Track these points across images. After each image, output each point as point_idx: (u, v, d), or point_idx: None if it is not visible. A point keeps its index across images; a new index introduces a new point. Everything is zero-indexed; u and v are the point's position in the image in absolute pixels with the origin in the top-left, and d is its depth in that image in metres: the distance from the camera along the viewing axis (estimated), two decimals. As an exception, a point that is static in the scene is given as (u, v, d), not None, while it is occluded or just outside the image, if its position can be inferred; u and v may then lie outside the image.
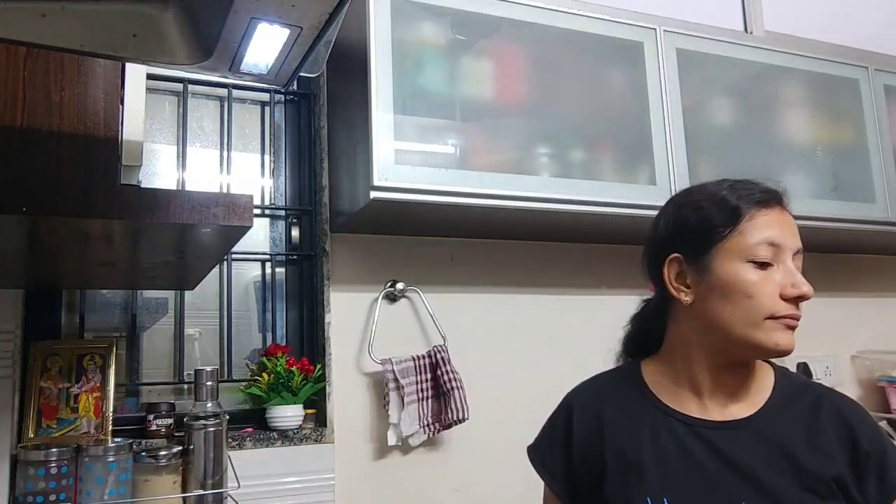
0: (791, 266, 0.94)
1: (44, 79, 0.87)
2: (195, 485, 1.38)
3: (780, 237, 0.94)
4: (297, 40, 0.76)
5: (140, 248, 1.15)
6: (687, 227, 1.00)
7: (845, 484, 0.90)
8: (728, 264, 0.95)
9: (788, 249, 0.94)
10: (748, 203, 0.97)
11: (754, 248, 0.94)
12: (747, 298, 0.93)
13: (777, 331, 0.94)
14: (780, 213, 0.97)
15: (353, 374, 1.79)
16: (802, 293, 0.92)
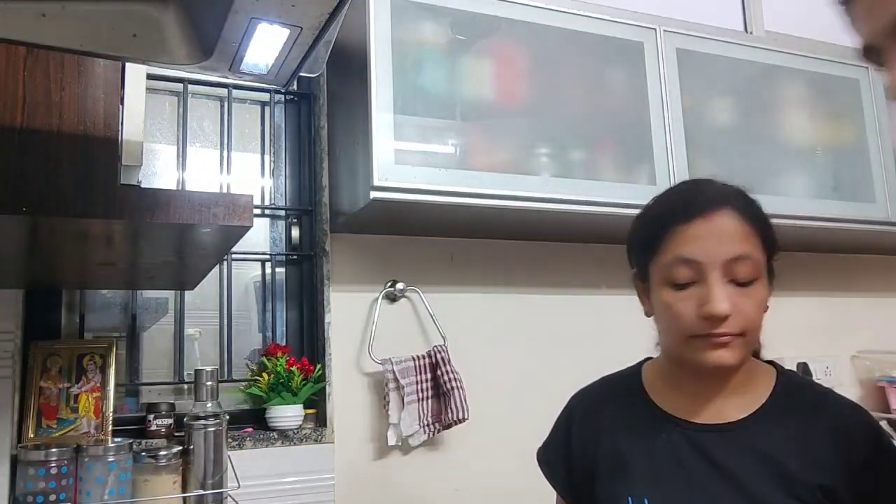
0: (711, 282, 0.88)
1: (44, 79, 0.87)
2: (195, 485, 1.38)
3: (698, 253, 0.89)
4: (297, 40, 0.76)
5: (140, 248, 1.15)
6: (632, 246, 1.03)
7: (835, 492, 0.87)
8: (655, 285, 0.95)
9: (711, 264, 0.88)
10: (665, 220, 0.94)
11: (669, 268, 0.91)
12: (668, 320, 0.93)
13: (703, 350, 0.89)
14: (704, 223, 0.90)
15: (353, 374, 1.79)
16: (711, 314, 0.87)
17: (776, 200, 1.95)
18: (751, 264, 0.89)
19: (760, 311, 0.91)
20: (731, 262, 0.88)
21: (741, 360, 0.91)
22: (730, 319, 0.87)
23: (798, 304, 2.33)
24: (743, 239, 0.90)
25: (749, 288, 0.89)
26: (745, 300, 0.88)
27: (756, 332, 0.93)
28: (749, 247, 0.90)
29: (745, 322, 0.88)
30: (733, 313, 0.87)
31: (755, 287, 0.90)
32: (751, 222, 0.92)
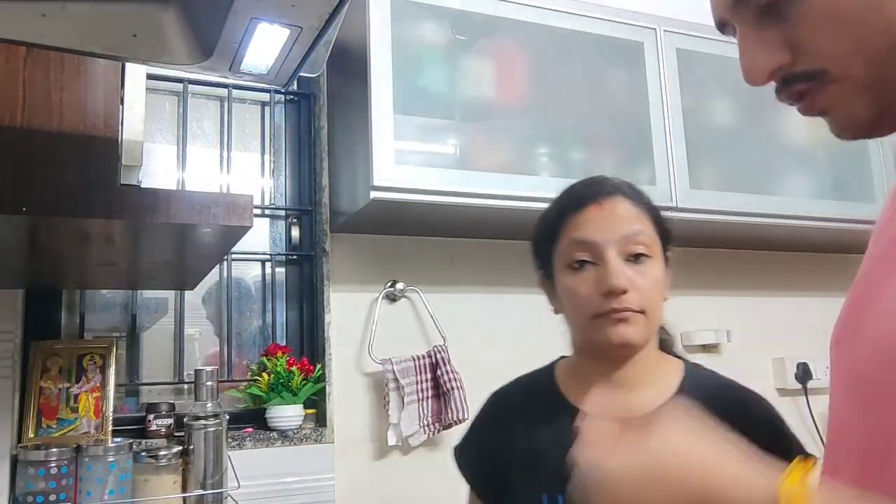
0: (608, 259, 0.92)
1: (44, 79, 0.87)
2: (195, 485, 1.38)
3: (591, 234, 0.94)
4: (297, 40, 0.76)
5: (140, 248, 1.15)
6: (535, 246, 1.06)
7: None
8: (558, 274, 0.99)
9: (606, 242, 0.93)
10: (561, 211, 0.99)
11: (566, 252, 0.96)
12: (572, 303, 0.96)
13: (605, 327, 0.93)
14: (598, 208, 0.95)
15: (353, 374, 1.79)
16: (610, 288, 0.90)
17: (776, 200, 1.95)
18: (644, 240, 0.94)
19: (658, 290, 0.95)
20: (625, 239, 0.93)
21: (643, 339, 0.94)
22: (628, 294, 0.91)
23: (798, 304, 2.33)
24: (635, 219, 0.95)
25: (645, 265, 0.94)
26: (641, 277, 0.92)
27: (656, 312, 0.95)
28: (641, 225, 0.95)
29: (644, 298, 0.92)
30: (631, 289, 0.91)
31: (650, 265, 0.94)
32: (642, 207, 0.97)
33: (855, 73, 0.49)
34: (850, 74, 0.50)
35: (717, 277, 2.28)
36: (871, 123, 0.52)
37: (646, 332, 0.94)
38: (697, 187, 1.87)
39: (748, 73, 0.54)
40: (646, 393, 0.97)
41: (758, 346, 2.26)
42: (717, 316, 2.21)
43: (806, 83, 0.52)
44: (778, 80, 0.53)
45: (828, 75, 0.50)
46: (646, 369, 0.98)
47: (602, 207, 0.95)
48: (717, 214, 1.89)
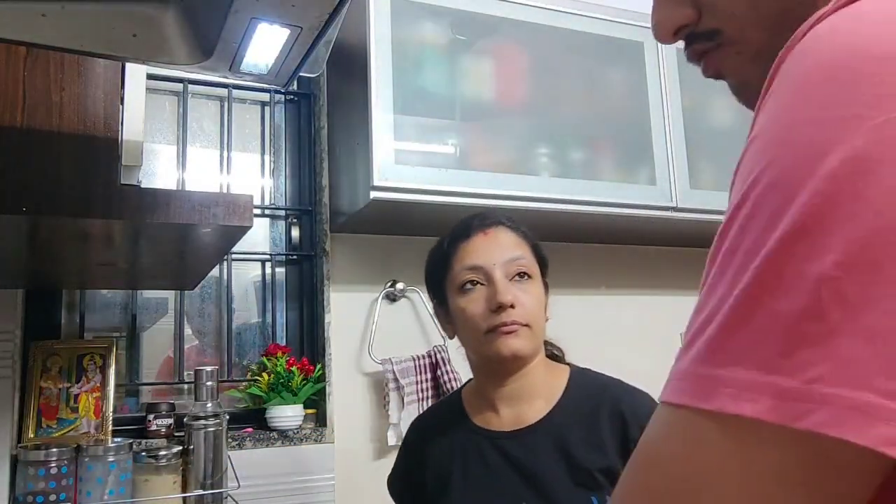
0: (496, 279, 1.03)
1: (44, 79, 0.87)
2: (195, 485, 1.38)
3: (479, 259, 1.05)
4: (297, 40, 0.76)
5: (140, 248, 1.15)
6: (428, 278, 1.15)
7: (614, 473, 0.95)
8: (451, 298, 1.08)
9: (492, 265, 1.04)
10: (451, 241, 1.10)
11: (458, 277, 1.06)
12: (465, 322, 1.06)
13: (495, 340, 1.02)
14: (483, 236, 1.07)
15: (353, 374, 1.79)
16: (498, 303, 1.01)
17: (776, 200, 1.95)
18: (526, 263, 1.06)
19: (540, 306, 1.06)
20: (508, 262, 1.04)
21: (531, 351, 1.04)
22: (515, 310, 1.02)
23: None
24: (515, 245, 1.07)
25: (527, 284, 1.05)
26: (525, 295, 1.04)
27: (540, 326, 1.06)
28: (521, 251, 1.07)
29: (528, 313, 1.03)
30: (517, 304, 1.02)
31: (532, 284, 1.06)
32: (522, 235, 1.10)
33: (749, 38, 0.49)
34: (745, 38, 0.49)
35: (717, 277, 2.27)
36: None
37: (532, 343, 1.04)
38: (697, 187, 1.87)
39: (656, 30, 0.53)
40: (536, 403, 1.06)
41: (758, 346, 2.26)
42: (717, 316, 2.21)
43: (704, 43, 0.51)
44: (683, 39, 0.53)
45: (723, 36, 0.50)
46: (535, 381, 1.07)
47: (487, 235, 1.07)
48: (717, 214, 1.88)
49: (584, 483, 0.97)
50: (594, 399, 1.05)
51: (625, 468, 0.40)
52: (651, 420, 0.39)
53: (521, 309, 1.02)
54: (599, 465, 0.98)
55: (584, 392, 1.07)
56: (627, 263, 2.16)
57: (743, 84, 0.51)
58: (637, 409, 1.02)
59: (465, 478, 1.06)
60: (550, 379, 1.09)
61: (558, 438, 1.01)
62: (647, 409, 1.01)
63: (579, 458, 0.99)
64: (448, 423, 1.13)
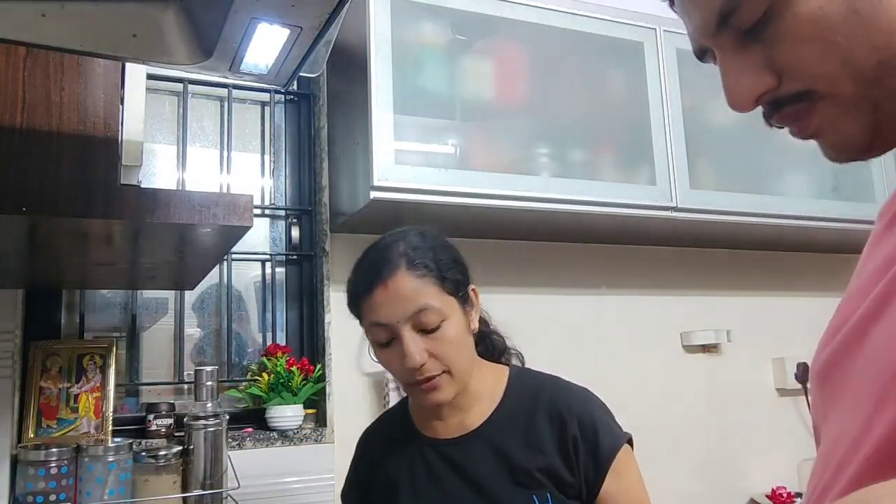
0: (404, 338, 0.99)
1: (44, 79, 0.87)
2: (195, 485, 1.38)
3: (383, 317, 1.00)
4: (297, 40, 0.76)
5: (140, 248, 1.15)
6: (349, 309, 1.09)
7: (555, 471, 0.99)
8: (372, 346, 1.07)
9: (396, 322, 0.99)
10: (358, 293, 1.04)
11: (370, 332, 1.04)
12: (390, 372, 1.07)
13: (420, 394, 1.03)
14: (383, 290, 1.00)
15: (353, 374, 1.79)
16: (408, 367, 0.99)
17: (776, 200, 1.95)
18: (432, 312, 1.00)
19: (458, 346, 1.02)
20: (413, 316, 0.99)
21: (454, 393, 1.03)
22: (428, 364, 0.99)
23: (798, 304, 2.33)
24: (418, 293, 1.00)
25: (438, 332, 1.00)
26: (436, 344, 1.00)
27: (462, 364, 1.03)
28: (426, 298, 1.00)
29: (444, 362, 1.01)
30: (430, 358, 0.99)
31: (445, 327, 1.01)
32: (424, 275, 1.01)
33: (843, 92, 0.48)
34: (840, 92, 0.48)
35: (717, 277, 2.28)
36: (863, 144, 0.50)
37: (455, 386, 1.03)
38: (697, 187, 1.87)
39: (734, 100, 0.52)
40: (477, 408, 1.07)
41: (758, 346, 2.26)
42: (717, 316, 2.21)
43: (795, 105, 0.51)
44: (765, 105, 0.52)
45: (815, 94, 0.49)
46: (473, 393, 1.07)
47: (386, 288, 1.00)
48: (717, 214, 1.89)
49: (523, 483, 1.00)
50: (531, 400, 1.06)
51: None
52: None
53: (435, 361, 1.00)
54: (539, 465, 1.00)
55: (522, 394, 1.08)
56: (627, 263, 2.16)
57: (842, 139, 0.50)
58: (573, 406, 1.04)
59: (412, 487, 1.07)
60: (490, 382, 1.10)
61: (497, 442, 1.03)
62: (583, 405, 1.05)
63: (518, 460, 1.01)
64: (395, 433, 1.14)
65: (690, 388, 2.16)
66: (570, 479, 1.00)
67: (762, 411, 2.22)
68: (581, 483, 1.00)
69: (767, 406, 2.24)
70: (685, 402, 2.13)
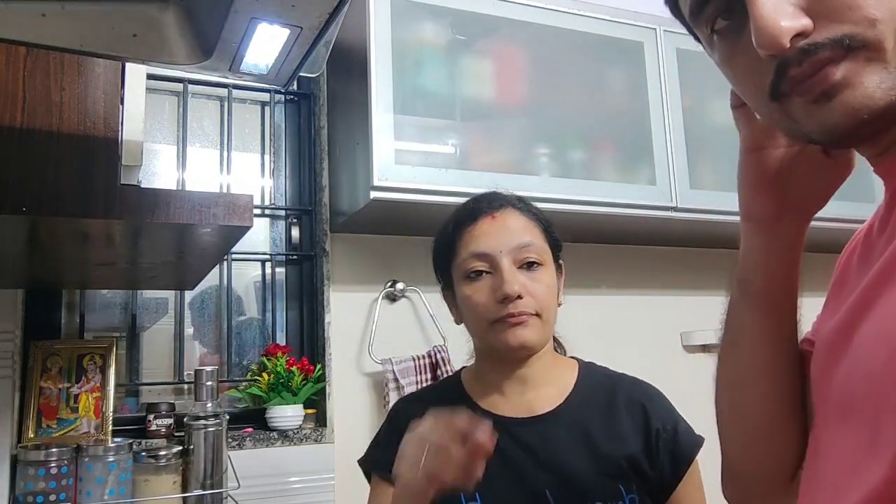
0: (503, 268, 0.98)
1: (44, 79, 0.87)
2: (195, 485, 1.38)
3: (485, 246, 1.00)
4: (297, 40, 0.76)
5: (140, 248, 1.15)
6: (435, 261, 1.10)
7: (638, 462, 0.97)
8: (457, 285, 1.04)
9: (500, 253, 0.99)
10: (457, 226, 1.04)
11: (464, 264, 1.01)
12: (471, 311, 1.02)
13: (503, 331, 0.98)
14: (490, 220, 1.02)
15: (353, 374, 1.79)
16: (505, 294, 0.96)
17: (776, 200, 1.95)
18: (535, 250, 1.01)
19: (551, 294, 1.01)
20: (517, 249, 0.99)
21: (540, 341, 1.01)
22: (523, 300, 0.97)
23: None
24: (525, 230, 1.02)
25: (537, 272, 1.00)
26: (534, 283, 0.99)
27: (550, 315, 1.01)
28: (531, 236, 1.01)
29: (538, 302, 0.99)
30: (525, 294, 0.97)
31: (542, 272, 1.01)
32: (532, 217, 1.04)
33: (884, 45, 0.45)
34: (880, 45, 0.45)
35: (716, 277, 2.27)
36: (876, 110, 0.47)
37: (542, 334, 1.00)
38: (697, 187, 1.87)
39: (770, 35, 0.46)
40: (546, 391, 1.03)
41: (758, 346, 2.26)
42: (717, 316, 2.20)
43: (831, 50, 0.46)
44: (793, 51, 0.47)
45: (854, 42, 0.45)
46: (543, 369, 1.04)
47: (495, 220, 1.02)
48: (717, 214, 1.88)
49: (610, 472, 0.96)
50: (607, 390, 1.04)
51: None
52: None
53: (530, 299, 0.98)
54: (623, 454, 0.97)
55: (596, 383, 1.05)
56: (627, 263, 2.16)
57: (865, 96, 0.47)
58: (654, 400, 1.03)
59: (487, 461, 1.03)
60: (559, 369, 1.07)
61: (579, 428, 0.99)
62: (662, 401, 1.05)
63: (603, 448, 0.97)
64: (448, 402, 1.06)
65: (690, 388, 2.16)
66: (651, 473, 0.97)
67: (762, 411, 2.22)
68: (659, 479, 0.98)
69: (767, 406, 2.24)
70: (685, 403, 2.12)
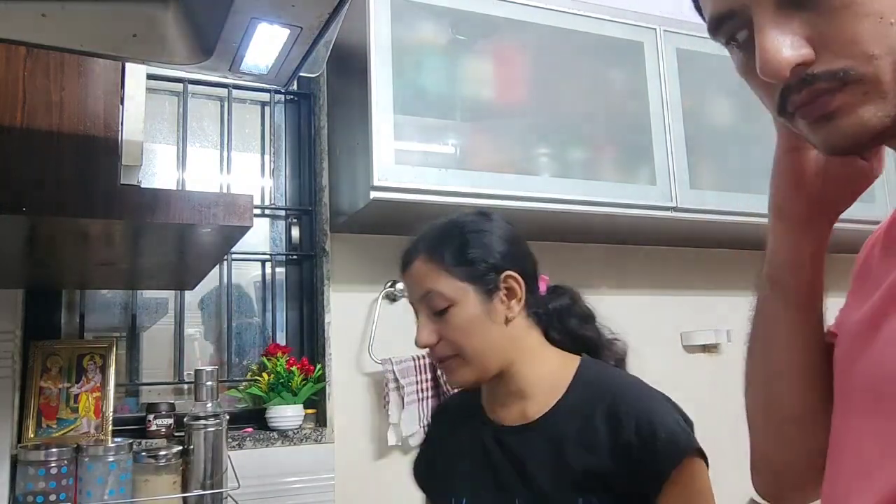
0: (419, 319, 1.06)
1: (44, 79, 0.87)
2: (195, 485, 1.38)
3: (409, 297, 1.10)
4: (297, 40, 0.76)
5: (140, 248, 1.15)
6: None
7: (603, 475, 0.94)
8: None
9: (415, 304, 1.08)
10: None
11: None
12: None
13: (444, 373, 1.09)
14: (406, 274, 1.10)
15: (353, 374, 1.79)
16: (418, 346, 1.06)
17: (776, 200, 1.95)
18: (436, 296, 1.03)
19: (467, 330, 1.02)
20: (421, 300, 1.06)
21: (472, 377, 1.03)
22: (438, 345, 1.03)
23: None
24: (426, 278, 1.05)
25: (447, 315, 1.03)
26: (445, 327, 1.03)
27: (473, 349, 1.02)
28: (431, 283, 1.04)
29: (454, 344, 1.02)
30: (438, 339, 1.03)
31: (451, 314, 1.02)
32: (434, 261, 1.06)
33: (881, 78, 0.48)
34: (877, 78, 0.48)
35: (717, 277, 2.28)
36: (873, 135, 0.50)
37: (470, 370, 1.03)
38: (697, 187, 1.87)
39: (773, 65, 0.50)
40: (540, 398, 1.04)
41: (758, 346, 2.26)
42: (717, 316, 2.21)
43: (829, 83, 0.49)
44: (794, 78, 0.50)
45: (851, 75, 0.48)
46: (528, 381, 1.05)
47: (408, 274, 1.09)
48: (717, 214, 1.89)
49: (570, 483, 0.95)
50: (594, 396, 1.01)
51: None
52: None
53: (444, 343, 1.03)
54: (587, 466, 0.95)
55: (587, 388, 1.03)
56: (627, 263, 2.16)
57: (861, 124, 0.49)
58: (634, 408, 0.97)
59: (471, 469, 1.07)
60: (556, 370, 1.05)
61: (554, 437, 1.00)
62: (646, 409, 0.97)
63: (569, 459, 0.97)
64: (465, 413, 1.15)
65: (690, 388, 2.16)
66: (627, 485, 0.94)
67: (762, 411, 2.22)
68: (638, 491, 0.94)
69: (767, 406, 2.24)
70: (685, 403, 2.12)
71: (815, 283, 0.73)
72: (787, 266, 0.71)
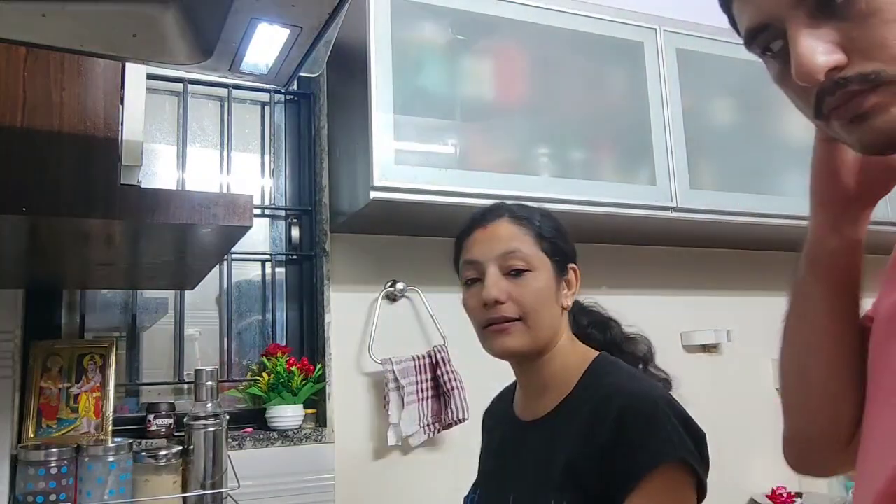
0: (487, 274, 1.02)
1: (44, 79, 0.87)
2: (195, 485, 1.38)
3: (476, 254, 1.05)
4: (297, 40, 0.76)
5: (140, 248, 1.15)
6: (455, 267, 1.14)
7: (575, 468, 0.93)
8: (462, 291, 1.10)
9: (486, 261, 1.03)
10: (459, 236, 1.11)
11: (462, 272, 1.08)
12: (469, 316, 1.07)
13: (490, 338, 1.03)
14: (482, 230, 1.07)
15: (353, 374, 1.79)
16: (484, 300, 1.01)
17: (776, 200, 1.95)
18: (521, 256, 1.03)
19: (540, 299, 1.02)
20: (502, 257, 1.03)
21: (525, 346, 1.01)
22: (505, 305, 1.00)
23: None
24: (513, 238, 1.04)
25: (523, 278, 1.02)
26: (519, 289, 1.01)
27: (539, 319, 1.01)
28: (518, 243, 1.04)
29: (521, 307, 1.00)
30: (507, 300, 1.00)
31: (530, 277, 1.02)
32: (523, 225, 1.06)
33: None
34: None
35: (717, 277, 2.28)
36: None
37: (527, 338, 1.01)
38: (697, 187, 1.87)
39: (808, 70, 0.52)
40: (550, 395, 1.04)
41: (758, 346, 2.26)
42: (717, 316, 2.21)
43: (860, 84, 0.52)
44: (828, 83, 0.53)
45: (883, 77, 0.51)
46: (551, 373, 1.04)
47: (485, 229, 1.06)
48: (717, 214, 1.89)
49: (552, 482, 0.94)
50: (590, 395, 0.98)
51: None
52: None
53: (512, 304, 1.00)
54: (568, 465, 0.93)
55: (589, 387, 1.00)
56: (627, 263, 2.16)
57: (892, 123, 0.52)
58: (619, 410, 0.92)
59: (494, 460, 1.12)
60: (572, 366, 1.03)
61: (551, 434, 1.00)
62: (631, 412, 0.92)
63: (556, 456, 0.95)
64: (502, 406, 1.18)
65: (690, 388, 2.16)
66: (599, 486, 0.90)
67: (762, 411, 2.22)
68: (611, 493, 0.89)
69: (767, 406, 2.24)
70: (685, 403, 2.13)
71: (851, 266, 0.76)
72: (824, 248, 0.74)
